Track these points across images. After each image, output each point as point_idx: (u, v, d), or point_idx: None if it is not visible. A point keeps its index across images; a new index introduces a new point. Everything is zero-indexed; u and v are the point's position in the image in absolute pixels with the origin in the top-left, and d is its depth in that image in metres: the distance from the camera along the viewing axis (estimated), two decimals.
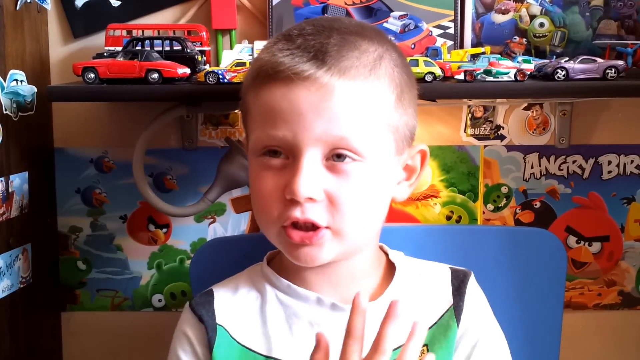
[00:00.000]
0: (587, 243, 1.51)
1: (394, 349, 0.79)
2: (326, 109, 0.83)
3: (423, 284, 0.96)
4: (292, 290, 0.93)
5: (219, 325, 0.92)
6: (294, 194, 0.83)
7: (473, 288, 0.96)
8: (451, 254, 1.13)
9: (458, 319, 0.92)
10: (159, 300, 1.53)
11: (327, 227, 0.86)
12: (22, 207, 1.36)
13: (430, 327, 0.91)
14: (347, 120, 0.84)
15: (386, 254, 0.99)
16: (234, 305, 0.95)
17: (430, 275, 0.97)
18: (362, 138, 0.85)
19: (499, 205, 1.50)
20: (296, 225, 0.86)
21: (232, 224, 1.51)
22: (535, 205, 1.50)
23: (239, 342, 0.91)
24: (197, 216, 1.50)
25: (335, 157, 0.85)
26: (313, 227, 0.86)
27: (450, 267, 0.98)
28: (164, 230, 1.51)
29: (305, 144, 0.84)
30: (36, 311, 1.43)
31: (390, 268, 0.97)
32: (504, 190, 1.50)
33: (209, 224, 1.51)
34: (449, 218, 1.49)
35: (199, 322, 0.93)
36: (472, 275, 0.97)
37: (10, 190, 1.31)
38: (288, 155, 0.86)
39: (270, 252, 0.99)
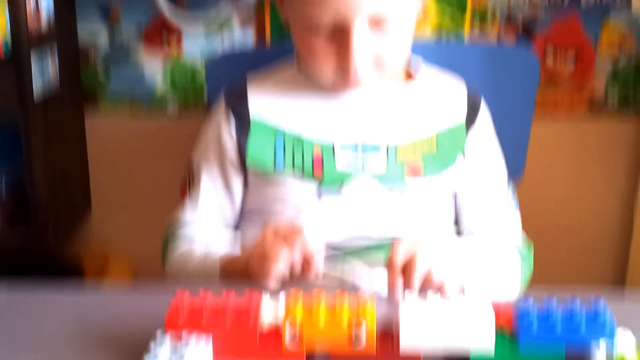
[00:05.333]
0: (562, 58, 1.62)
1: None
2: None
3: (441, 89, 1.06)
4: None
5: (252, 113, 1.02)
6: (349, 72, 0.93)
7: (485, 109, 1.07)
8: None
9: (467, 131, 1.03)
10: (174, 109, 1.67)
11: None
12: (49, 20, 1.46)
13: (440, 132, 1.02)
14: None
15: None
16: (267, 94, 1.04)
17: (448, 84, 1.07)
18: None
19: (485, 25, 1.59)
20: None
21: (239, 39, 1.62)
22: (518, 24, 1.60)
23: (271, 123, 1.01)
24: (208, 31, 1.60)
25: (377, 20, 0.91)
26: None
27: (465, 85, 1.08)
28: (177, 43, 1.62)
29: (353, 16, 0.90)
30: (64, 115, 1.57)
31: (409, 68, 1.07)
32: (490, 9, 1.59)
33: (220, 39, 1.61)
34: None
35: (228, 109, 1.03)
36: (482, 98, 1.08)
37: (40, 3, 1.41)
38: (336, 25, 0.91)
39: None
